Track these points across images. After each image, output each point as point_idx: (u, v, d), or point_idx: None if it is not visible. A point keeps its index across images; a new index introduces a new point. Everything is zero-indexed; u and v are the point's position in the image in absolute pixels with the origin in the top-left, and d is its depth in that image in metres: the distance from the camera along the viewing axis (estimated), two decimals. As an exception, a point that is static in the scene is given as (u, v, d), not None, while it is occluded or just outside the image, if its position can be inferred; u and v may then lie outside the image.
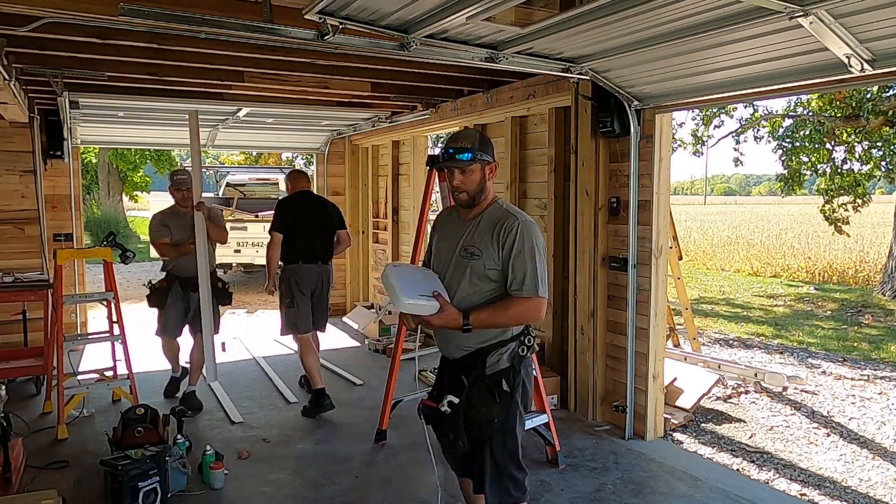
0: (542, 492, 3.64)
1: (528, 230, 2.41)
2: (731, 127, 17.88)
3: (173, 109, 6.39)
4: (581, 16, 3.15)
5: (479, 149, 2.44)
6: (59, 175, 6.83)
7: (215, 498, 3.62)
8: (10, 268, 5.66)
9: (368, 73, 5.24)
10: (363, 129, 7.94)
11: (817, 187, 11.71)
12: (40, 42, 4.01)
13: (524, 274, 2.37)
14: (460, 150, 2.41)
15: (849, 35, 2.83)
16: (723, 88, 3.74)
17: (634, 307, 4.40)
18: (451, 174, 2.47)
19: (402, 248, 7.99)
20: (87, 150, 19.93)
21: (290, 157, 21.22)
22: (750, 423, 5.06)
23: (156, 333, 5.23)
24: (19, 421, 4.51)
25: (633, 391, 4.44)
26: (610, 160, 4.61)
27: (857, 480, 4.15)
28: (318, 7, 2.87)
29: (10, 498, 3.30)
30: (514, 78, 5.31)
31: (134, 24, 3.42)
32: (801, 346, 7.85)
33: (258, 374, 6.10)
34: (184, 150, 28.55)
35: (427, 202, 4.51)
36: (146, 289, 5.25)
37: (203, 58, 4.54)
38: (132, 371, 4.80)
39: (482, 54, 3.73)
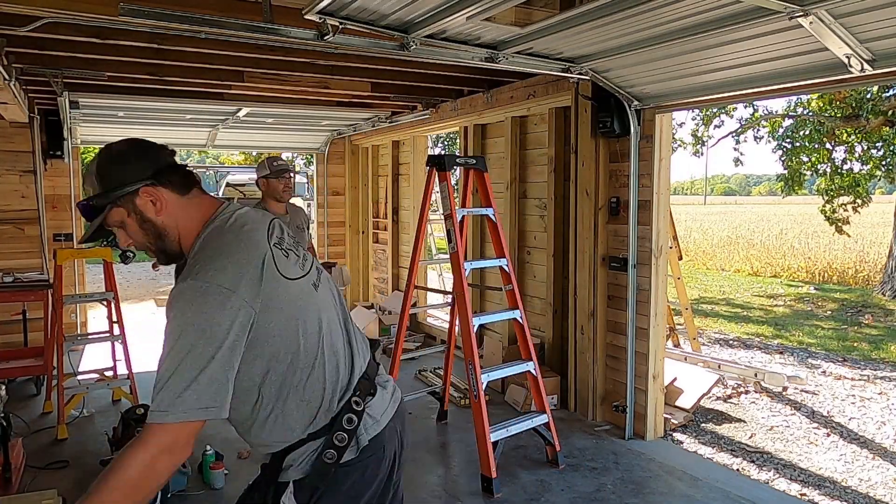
0: (542, 492, 3.64)
1: (177, 300, 1.44)
2: (731, 127, 17.91)
3: (173, 109, 6.40)
4: (581, 16, 3.15)
5: (102, 185, 1.52)
6: (59, 175, 6.83)
7: (215, 498, 3.62)
8: (10, 268, 5.66)
9: (368, 73, 5.24)
10: (363, 129, 7.94)
11: (817, 187, 11.71)
12: (40, 42, 4.01)
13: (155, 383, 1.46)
14: (83, 205, 1.53)
15: (849, 35, 2.83)
16: (723, 88, 3.74)
17: (634, 307, 4.40)
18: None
19: (402, 248, 7.99)
20: (87, 150, 19.92)
21: (290, 157, 21.23)
22: (750, 423, 5.06)
23: None
24: (19, 421, 4.51)
25: (633, 391, 4.44)
26: (610, 160, 4.61)
27: (857, 480, 4.15)
28: (318, 7, 2.87)
29: (10, 498, 3.30)
30: (514, 78, 5.31)
31: (134, 24, 3.42)
32: (800, 346, 7.85)
33: (258, 374, 6.08)
34: (184, 151, 28.60)
35: (427, 202, 4.51)
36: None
37: (203, 58, 4.54)
38: (132, 371, 4.80)
39: (482, 54, 3.73)
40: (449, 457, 4.28)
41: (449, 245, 3.96)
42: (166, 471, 1.43)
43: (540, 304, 5.51)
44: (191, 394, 1.41)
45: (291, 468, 1.60)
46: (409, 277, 4.41)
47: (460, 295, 3.81)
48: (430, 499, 3.58)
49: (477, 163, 4.15)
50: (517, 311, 4.07)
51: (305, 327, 1.53)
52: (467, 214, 4.38)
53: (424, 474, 3.88)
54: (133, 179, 1.51)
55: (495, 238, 4.16)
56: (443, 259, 8.28)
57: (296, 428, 1.57)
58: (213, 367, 1.39)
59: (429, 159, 4.17)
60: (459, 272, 3.85)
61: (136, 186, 1.50)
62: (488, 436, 3.62)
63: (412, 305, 4.56)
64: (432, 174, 4.13)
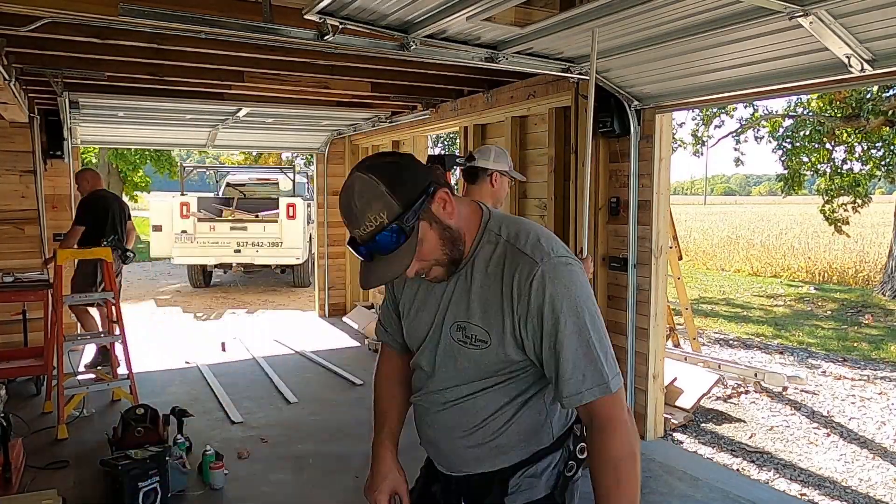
0: (542, 492, 3.64)
1: (558, 280, 1.32)
2: (731, 127, 17.91)
3: (173, 109, 6.40)
4: (581, 16, 3.15)
5: (401, 199, 1.28)
6: (59, 175, 6.83)
7: (215, 498, 3.61)
8: (10, 268, 5.66)
9: (368, 73, 5.24)
10: (363, 129, 7.94)
11: (817, 187, 11.71)
12: (40, 42, 4.01)
13: (580, 365, 1.32)
14: (366, 235, 1.29)
15: (849, 35, 2.83)
16: (723, 88, 3.74)
17: (634, 307, 4.40)
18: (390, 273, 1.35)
19: (402, 248, 7.98)
20: (87, 150, 19.92)
21: (290, 157, 21.23)
22: (750, 423, 5.06)
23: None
24: (19, 421, 4.51)
25: (633, 391, 4.44)
26: (610, 160, 4.61)
27: (857, 480, 4.15)
28: (318, 7, 2.87)
29: (10, 498, 3.30)
30: (514, 78, 5.31)
31: (134, 24, 3.42)
32: (800, 346, 7.85)
33: (258, 374, 6.09)
34: (184, 151, 28.59)
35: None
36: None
37: (203, 58, 4.54)
38: (132, 371, 4.80)
39: (482, 54, 3.73)
40: (449, 457, 4.28)
41: (449, 245, 3.94)
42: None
43: (540, 304, 5.50)
44: (613, 360, 1.38)
45: (528, 490, 1.43)
46: (409, 277, 4.41)
47: (460, 295, 3.80)
48: (430, 499, 3.58)
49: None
50: (517, 311, 4.06)
51: None
52: (467, 214, 4.37)
53: (424, 474, 3.88)
54: (425, 182, 1.31)
55: (495, 238, 4.15)
56: (443, 259, 8.31)
57: (544, 429, 1.45)
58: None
59: (429, 159, 4.17)
60: (459, 272, 3.84)
61: (431, 189, 1.31)
62: (488, 436, 3.61)
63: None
64: (432, 174, 4.12)
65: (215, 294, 11.38)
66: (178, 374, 6.02)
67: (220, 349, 6.94)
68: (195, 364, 6.36)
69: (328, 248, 8.92)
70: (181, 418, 4.09)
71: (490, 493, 1.45)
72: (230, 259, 10.69)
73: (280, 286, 12.22)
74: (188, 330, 8.28)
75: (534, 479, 1.44)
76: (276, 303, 10.59)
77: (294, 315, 9.33)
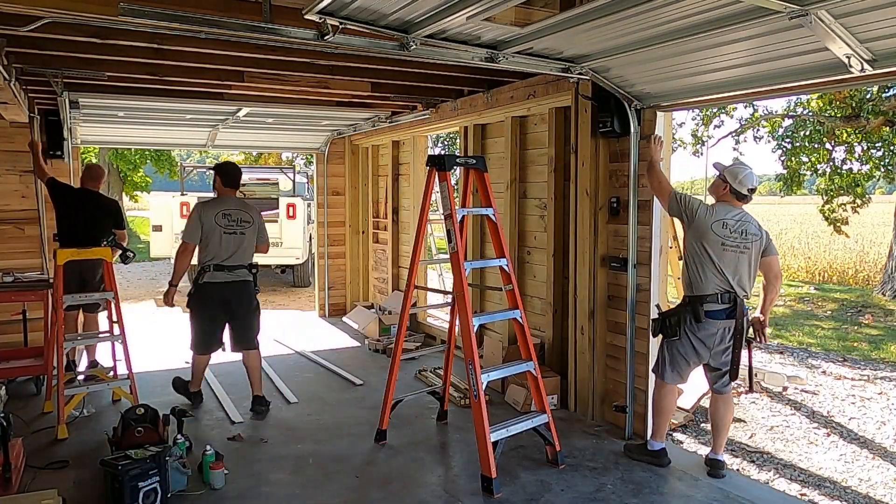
0: (542, 492, 3.64)
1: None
2: (731, 127, 17.88)
3: (173, 109, 6.40)
4: (581, 16, 3.15)
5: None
6: (59, 175, 6.75)
7: (215, 498, 3.61)
8: (10, 268, 5.66)
9: (368, 73, 5.24)
10: (363, 129, 7.95)
11: (817, 187, 11.72)
12: (40, 42, 4.01)
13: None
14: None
15: (849, 35, 2.83)
16: (723, 88, 3.74)
17: (634, 307, 4.40)
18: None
19: (402, 248, 7.99)
20: (87, 150, 19.93)
21: (290, 157, 21.23)
22: (750, 423, 5.06)
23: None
24: (19, 421, 4.51)
25: (632, 391, 4.44)
26: (610, 160, 4.61)
27: (857, 480, 4.15)
28: (318, 7, 2.87)
29: (10, 498, 3.30)
30: (515, 78, 5.31)
31: (134, 24, 3.42)
32: (800, 346, 7.86)
33: (258, 374, 6.09)
34: (184, 151, 28.59)
35: (427, 202, 4.51)
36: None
37: (203, 58, 4.54)
38: (132, 371, 4.79)
39: (482, 54, 3.73)
40: (449, 457, 4.28)
41: (449, 245, 3.96)
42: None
43: (540, 304, 5.51)
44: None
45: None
46: (409, 277, 4.41)
47: (460, 295, 3.81)
48: (431, 499, 3.58)
49: (477, 163, 4.15)
50: (517, 311, 4.07)
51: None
52: (467, 214, 4.38)
53: (424, 474, 3.88)
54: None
55: (495, 238, 4.16)
56: (443, 259, 8.28)
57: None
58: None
59: (429, 159, 4.17)
60: (459, 272, 3.85)
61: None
62: (488, 436, 3.62)
63: (412, 305, 4.55)
64: (432, 174, 4.13)
65: (215, 294, 11.36)
66: (178, 374, 6.01)
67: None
68: (195, 364, 6.35)
69: (328, 248, 8.92)
70: (181, 418, 4.09)
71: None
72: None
73: (280, 286, 12.22)
74: (188, 330, 8.26)
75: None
76: (276, 303, 10.59)
77: (294, 315, 9.33)
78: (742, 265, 3.62)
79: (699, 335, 3.65)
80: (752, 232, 3.65)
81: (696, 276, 3.65)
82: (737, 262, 3.61)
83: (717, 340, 3.64)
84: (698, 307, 3.59)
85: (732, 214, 3.67)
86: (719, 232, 3.59)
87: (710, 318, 3.59)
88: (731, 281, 3.60)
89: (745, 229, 3.65)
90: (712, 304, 3.59)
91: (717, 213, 3.66)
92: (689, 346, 3.70)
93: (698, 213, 3.68)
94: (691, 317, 3.63)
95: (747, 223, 3.68)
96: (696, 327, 3.63)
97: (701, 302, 3.60)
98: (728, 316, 3.60)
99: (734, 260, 3.60)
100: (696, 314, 3.59)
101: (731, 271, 3.59)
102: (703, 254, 3.63)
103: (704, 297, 3.60)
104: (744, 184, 3.69)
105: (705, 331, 3.63)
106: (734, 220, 3.65)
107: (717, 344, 3.65)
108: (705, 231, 3.62)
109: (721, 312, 3.60)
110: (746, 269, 3.63)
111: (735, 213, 3.69)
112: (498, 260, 4.13)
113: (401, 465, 4.01)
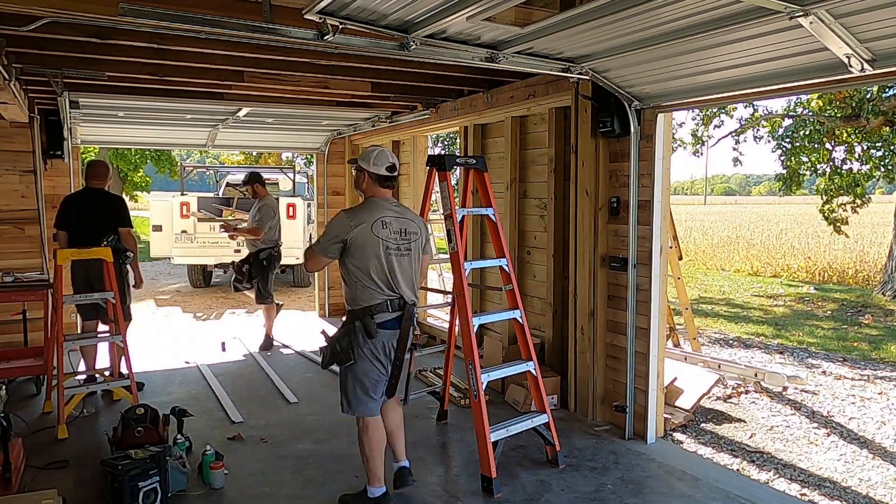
0: (542, 491, 3.64)
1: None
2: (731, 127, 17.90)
3: (174, 109, 6.40)
4: (581, 16, 3.15)
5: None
6: (59, 175, 6.84)
7: (215, 498, 3.61)
8: (10, 268, 5.65)
9: (368, 73, 5.24)
10: (363, 129, 7.95)
11: (817, 187, 11.72)
12: (40, 42, 4.01)
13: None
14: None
15: (849, 35, 2.83)
16: (723, 88, 3.74)
17: (634, 307, 4.40)
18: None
19: (402, 248, 7.98)
20: (87, 150, 19.93)
21: (290, 157, 21.23)
22: (750, 423, 5.06)
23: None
24: (19, 421, 4.51)
25: (633, 391, 4.44)
26: (610, 160, 4.61)
27: (857, 480, 4.15)
28: (318, 7, 2.87)
29: (10, 498, 3.30)
30: (514, 78, 5.31)
31: (134, 24, 3.42)
32: (800, 346, 7.86)
33: (258, 374, 6.10)
34: (184, 151, 28.59)
35: (427, 202, 4.51)
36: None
37: (203, 58, 4.54)
38: (132, 371, 4.79)
39: (482, 54, 3.73)
40: (449, 457, 4.28)
41: (449, 245, 3.96)
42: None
43: (540, 304, 5.51)
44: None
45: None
46: (409, 277, 4.40)
47: (460, 295, 3.81)
48: (431, 499, 3.58)
49: (477, 163, 4.15)
50: (517, 311, 4.07)
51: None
52: (467, 214, 4.38)
53: (424, 474, 3.88)
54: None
55: (495, 238, 4.16)
56: (443, 259, 8.28)
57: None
58: None
59: (429, 159, 4.17)
60: (459, 272, 3.85)
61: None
62: (488, 436, 3.62)
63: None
64: (432, 174, 4.13)
65: (215, 294, 11.38)
66: (178, 374, 6.02)
67: (220, 349, 6.94)
68: (195, 364, 6.36)
69: (328, 248, 8.90)
70: (181, 418, 4.09)
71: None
72: (230, 259, 10.68)
73: (280, 286, 12.21)
74: (188, 330, 8.28)
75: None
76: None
77: (294, 315, 9.33)
78: (405, 267, 3.32)
79: (374, 349, 3.27)
80: (412, 230, 3.38)
81: (362, 287, 3.25)
82: (401, 265, 3.29)
83: (388, 350, 3.30)
84: (369, 320, 3.21)
85: (390, 211, 3.32)
86: (379, 233, 3.22)
87: (383, 328, 3.24)
88: (397, 286, 3.28)
89: (406, 227, 3.36)
90: (383, 314, 3.24)
91: (371, 213, 3.26)
92: (369, 363, 3.28)
93: (351, 228, 3.21)
94: (363, 334, 3.23)
95: (408, 221, 3.39)
96: (369, 343, 3.24)
97: (371, 314, 3.22)
98: (400, 325, 3.29)
99: (398, 263, 3.28)
100: (368, 329, 3.21)
101: (396, 275, 3.27)
102: (364, 262, 3.22)
103: (373, 307, 3.22)
104: (380, 163, 3.32)
105: (380, 343, 3.27)
106: (392, 218, 3.31)
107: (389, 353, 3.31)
108: (364, 238, 3.20)
109: (394, 322, 3.27)
110: (410, 270, 3.35)
111: (392, 209, 3.35)
112: (498, 260, 4.13)
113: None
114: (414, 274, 3.38)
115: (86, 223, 5.11)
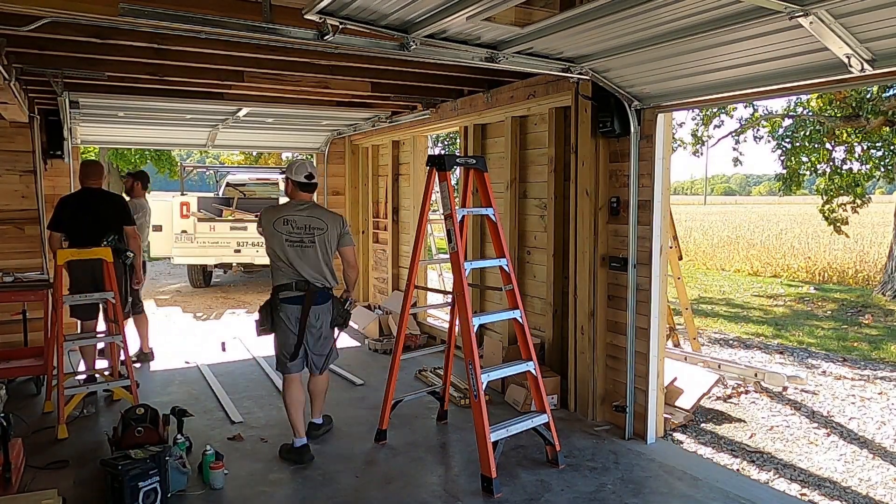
0: (542, 491, 3.64)
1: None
2: (731, 127, 17.90)
3: (174, 109, 6.40)
4: (581, 16, 3.15)
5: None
6: (59, 175, 6.84)
7: (215, 498, 3.61)
8: (10, 268, 5.65)
9: (368, 73, 5.24)
10: (363, 128, 7.95)
11: (817, 187, 11.72)
12: (40, 42, 4.01)
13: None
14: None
15: (849, 35, 2.83)
16: (723, 88, 3.74)
17: (634, 307, 4.40)
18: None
19: (402, 248, 7.99)
20: (87, 150, 19.91)
21: (290, 157, 21.23)
22: (750, 423, 5.06)
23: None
24: (19, 421, 4.50)
25: (633, 391, 4.44)
26: (610, 160, 4.61)
27: (857, 480, 4.15)
28: (318, 7, 2.87)
29: (10, 498, 3.30)
30: (515, 78, 5.31)
31: (134, 24, 3.42)
32: (800, 346, 7.86)
33: (258, 374, 6.09)
34: (184, 151, 28.56)
35: (427, 202, 4.51)
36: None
37: (203, 58, 4.54)
38: (132, 371, 4.79)
39: (482, 54, 3.73)
40: (449, 457, 4.28)
41: (449, 245, 3.96)
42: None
43: (540, 304, 5.51)
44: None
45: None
46: (409, 277, 4.42)
47: (460, 295, 3.81)
48: (430, 499, 3.58)
49: (477, 163, 4.15)
50: (517, 311, 4.07)
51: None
52: (467, 214, 4.38)
53: (424, 474, 3.88)
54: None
55: (495, 238, 4.16)
56: (443, 259, 8.28)
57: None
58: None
59: (429, 159, 4.17)
60: (459, 272, 3.85)
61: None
62: (488, 436, 3.62)
63: (412, 305, 4.56)
64: (432, 174, 4.13)
65: (215, 294, 11.37)
66: (178, 374, 6.02)
67: (220, 349, 6.94)
68: (195, 364, 6.36)
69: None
70: (181, 418, 4.09)
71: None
72: (230, 259, 10.69)
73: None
74: (188, 330, 8.28)
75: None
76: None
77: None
78: (310, 255, 4.03)
79: (286, 319, 4.03)
80: (317, 227, 4.04)
81: (276, 269, 4.07)
82: (304, 254, 4.01)
83: (294, 321, 4.05)
84: (276, 296, 4.03)
85: (299, 211, 4.04)
86: (281, 229, 3.99)
87: (286, 303, 4.01)
88: (301, 271, 4.00)
89: (310, 224, 4.04)
90: (288, 292, 4.01)
91: (279, 212, 4.05)
92: (282, 330, 4.06)
93: (265, 221, 4.06)
94: (276, 305, 4.05)
95: (315, 219, 4.06)
96: (279, 313, 4.04)
97: (278, 292, 4.03)
98: (300, 301, 4.03)
99: (300, 252, 4.01)
100: (275, 303, 4.04)
101: (300, 262, 4.00)
102: (272, 251, 4.04)
103: (281, 286, 4.02)
104: (299, 172, 4.07)
105: (285, 312, 4.03)
106: (297, 216, 4.03)
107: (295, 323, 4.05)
108: (271, 231, 4.00)
109: (297, 299, 4.02)
110: (316, 258, 4.04)
111: (303, 210, 4.06)
112: (498, 260, 4.13)
113: (401, 465, 4.01)
114: (322, 261, 4.06)
115: (87, 223, 5.06)
